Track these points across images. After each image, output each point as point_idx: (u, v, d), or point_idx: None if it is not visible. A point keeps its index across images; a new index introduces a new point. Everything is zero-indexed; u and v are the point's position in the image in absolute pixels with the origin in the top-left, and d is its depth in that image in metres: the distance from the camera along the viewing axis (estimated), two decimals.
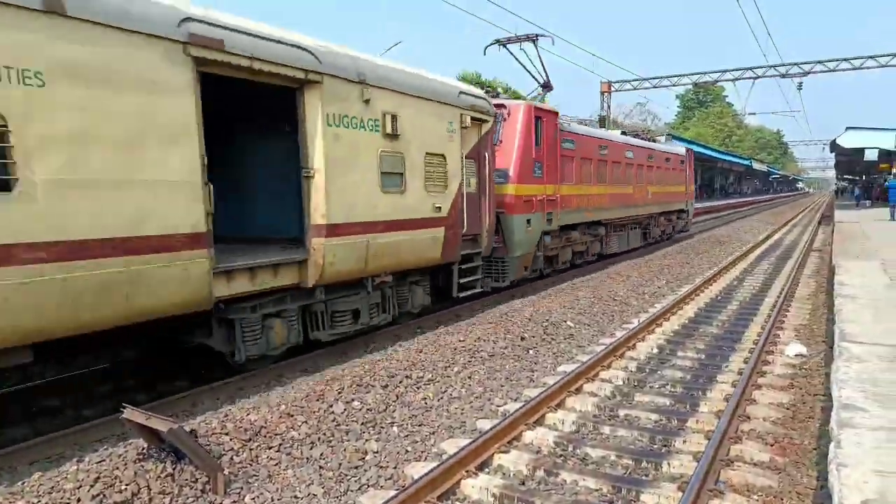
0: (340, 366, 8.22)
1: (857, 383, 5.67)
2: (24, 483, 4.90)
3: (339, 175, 8.22)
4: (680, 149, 27.73)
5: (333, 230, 8.17)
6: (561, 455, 5.81)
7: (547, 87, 17.43)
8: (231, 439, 5.64)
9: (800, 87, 38.75)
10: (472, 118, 11.13)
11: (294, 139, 8.15)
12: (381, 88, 8.92)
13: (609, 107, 41.86)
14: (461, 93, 10.94)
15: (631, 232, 21.06)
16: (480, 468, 5.47)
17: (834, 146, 39.86)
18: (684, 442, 5.97)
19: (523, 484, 5.28)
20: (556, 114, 15.16)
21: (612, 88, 41.83)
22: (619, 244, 19.92)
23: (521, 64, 16.97)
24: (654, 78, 40.73)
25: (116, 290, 5.89)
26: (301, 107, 7.93)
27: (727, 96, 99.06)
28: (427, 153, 9.99)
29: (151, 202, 6.10)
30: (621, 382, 7.84)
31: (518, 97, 20.90)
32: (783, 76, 37.15)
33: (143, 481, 4.88)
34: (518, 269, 13.67)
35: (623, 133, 22.03)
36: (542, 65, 17.35)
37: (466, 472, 5.30)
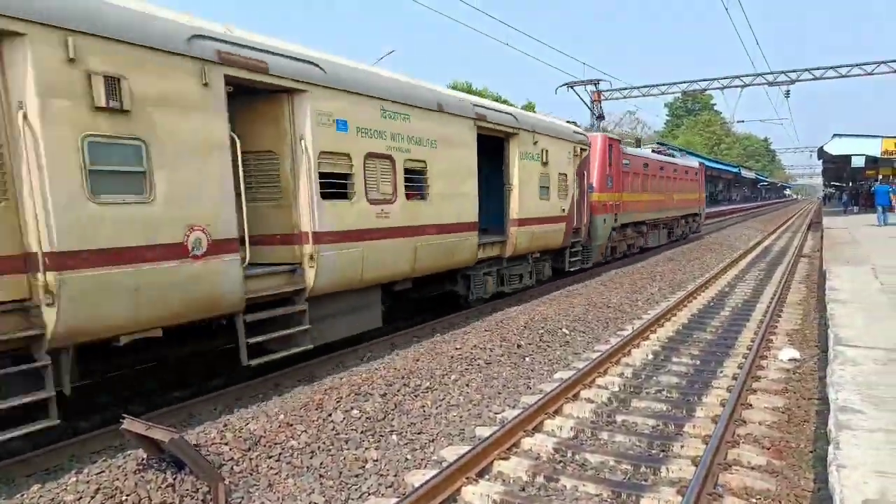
0: (338, 374, 8.22)
1: (853, 386, 5.73)
2: (23, 495, 4.88)
3: (523, 189, 13.34)
4: (694, 163, 33.82)
5: (520, 222, 13.33)
6: (560, 461, 5.84)
7: (601, 118, 24.85)
8: (231, 449, 5.63)
9: (787, 94, 39.17)
10: (580, 148, 16.47)
11: (498, 165, 13.24)
12: (541, 134, 14.19)
13: (599, 115, 42.05)
14: (574, 131, 16.54)
15: (661, 230, 26.14)
16: (480, 475, 5.49)
17: (821, 153, 40.26)
18: (682, 447, 6.01)
19: (524, 490, 5.30)
20: (620, 140, 20.75)
21: (602, 97, 42.07)
22: (654, 240, 24.92)
23: (584, 101, 24.57)
24: (643, 86, 41.07)
25: (451, 250, 11.26)
26: (507, 148, 13.15)
27: (715, 104, 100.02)
28: (559, 173, 15.11)
29: (462, 205, 11.50)
30: (618, 388, 7.88)
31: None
32: (771, 84, 37.56)
33: (144, 492, 4.87)
34: (597, 255, 18.58)
35: (655, 150, 27.71)
36: (600, 102, 25.22)
37: (467, 478, 5.32)
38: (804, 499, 4.95)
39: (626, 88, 41.44)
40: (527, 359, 9.13)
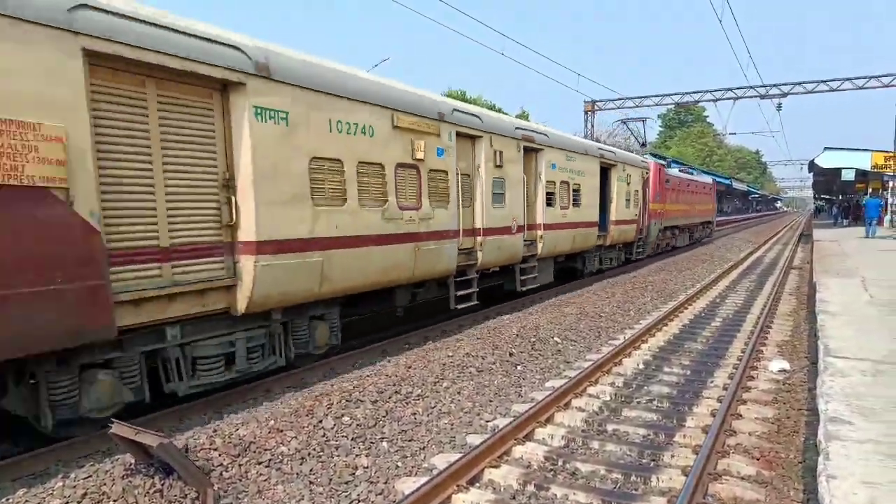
0: (329, 381, 8.19)
1: (842, 397, 5.76)
2: (8, 500, 4.83)
3: (618, 201, 19.87)
4: (709, 179, 41.61)
5: (615, 223, 19.81)
6: (551, 469, 5.83)
7: (644, 145, 32.90)
8: (220, 455, 5.60)
9: (779, 107, 39.45)
10: (644, 172, 23.41)
11: (604, 183, 19.32)
12: (628, 164, 21.17)
13: (593, 126, 42.31)
14: (642, 160, 23.56)
15: (686, 233, 32.98)
16: (471, 483, 5.47)
17: (812, 166, 40.61)
18: (672, 456, 6.01)
19: (514, 498, 5.29)
20: (664, 166, 28.19)
21: (596, 107, 42.31)
22: (682, 241, 31.89)
23: (633, 134, 34.25)
24: (636, 97, 41.29)
25: (586, 238, 17.54)
26: (610, 175, 19.63)
27: (708, 116, 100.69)
28: (634, 190, 21.77)
29: (592, 212, 17.62)
30: (609, 398, 7.88)
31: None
32: (763, 97, 37.85)
33: (132, 497, 4.83)
34: (650, 249, 25.11)
35: (680, 170, 34.18)
36: (644, 135, 33.75)
37: (457, 486, 5.30)
38: None
39: (619, 99, 41.67)
40: (518, 367, 9.12)
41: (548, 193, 14.89)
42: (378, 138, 9.34)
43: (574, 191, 16.53)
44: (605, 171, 19.17)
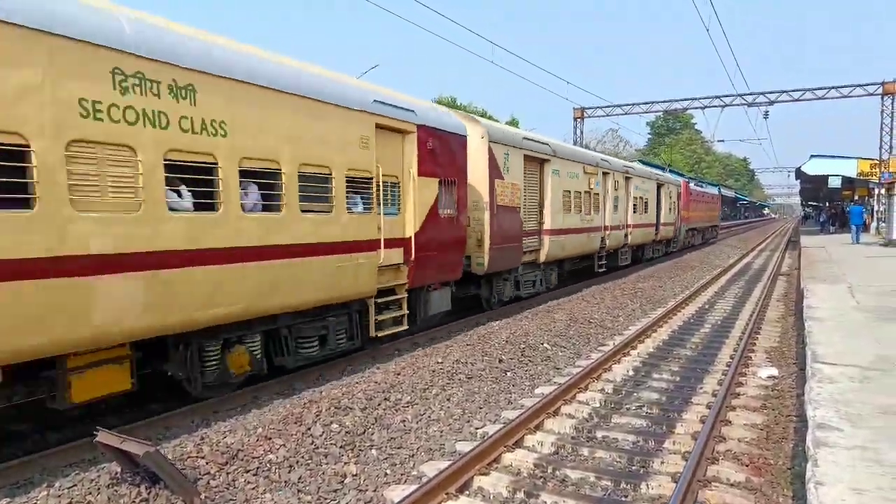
0: (318, 388, 8.15)
1: (830, 403, 5.78)
2: None
3: (665, 209, 29.48)
4: (715, 191, 51.67)
5: (664, 225, 29.19)
6: (541, 477, 5.81)
7: (666, 167, 39.55)
8: (207, 463, 5.54)
9: (766, 115, 39.82)
10: (679, 187, 32.83)
11: (657, 197, 28.52)
12: (671, 183, 31.20)
13: (582, 132, 42.51)
14: (676, 179, 33.74)
15: (699, 234, 40.81)
16: (461, 490, 5.45)
17: (799, 173, 40.98)
18: (662, 463, 6.02)
19: None
20: (689, 182, 37.58)
21: (585, 114, 42.52)
22: (697, 240, 39.74)
23: (669, 167, 43.45)
24: (625, 105, 41.56)
25: (647, 235, 27.01)
26: (660, 190, 28.68)
27: (696, 124, 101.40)
28: (673, 201, 31.13)
29: (651, 216, 27.20)
30: (598, 404, 7.88)
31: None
32: (750, 105, 38.19)
33: None
34: (679, 245, 33.62)
35: (698, 184, 44.32)
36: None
37: (447, 494, 5.27)
38: None
39: (608, 106, 41.91)
40: (508, 373, 9.11)
41: (634, 205, 24.02)
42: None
43: (645, 202, 25.84)
44: (658, 188, 28.30)
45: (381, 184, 9.59)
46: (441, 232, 11.21)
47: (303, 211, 8.13)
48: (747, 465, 5.93)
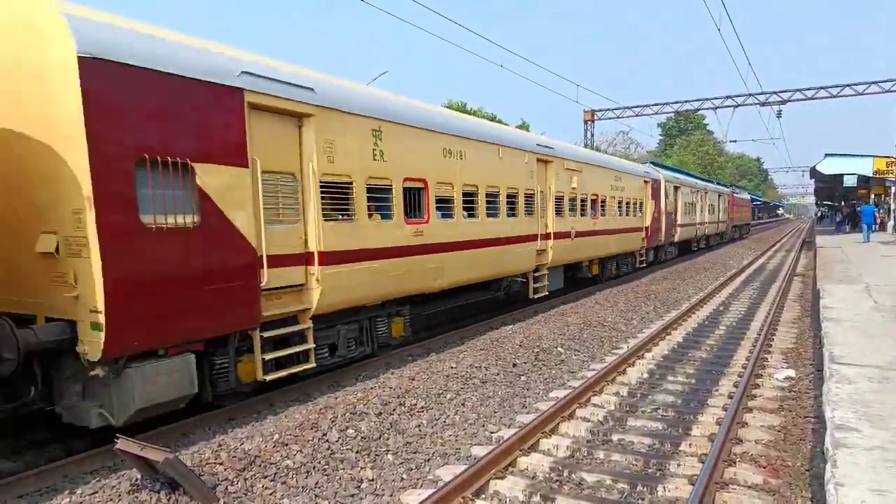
0: (333, 394, 8.19)
1: (849, 404, 5.74)
2: None
3: (720, 210, 41.61)
4: (748, 196, 65.53)
5: (719, 222, 41.47)
6: (557, 480, 5.81)
7: (709, 180, 46.33)
8: (225, 469, 5.59)
9: (779, 114, 39.57)
10: (727, 195, 44.95)
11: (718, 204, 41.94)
12: (719, 192, 42.12)
13: (592, 135, 42.44)
14: (727, 189, 47.44)
15: (738, 229, 52.92)
16: (477, 495, 5.46)
17: (813, 172, 40.57)
18: (678, 465, 5.99)
19: None
20: (734, 192, 51.78)
21: (596, 117, 42.45)
22: (736, 234, 51.32)
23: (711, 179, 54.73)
24: (636, 106, 41.45)
25: (694, 234, 34.32)
26: (720, 198, 42.01)
27: (708, 124, 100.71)
28: (725, 206, 43.05)
29: (713, 216, 39.45)
30: (613, 407, 7.86)
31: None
32: (763, 104, 37.97)
33: None
34: (727, 237, 46.27)
35: (735, 193, 53.65)
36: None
37: (463, 498, 5.29)
38: None
39: (619, 108, 41.82)
40: (522, 377, 9.11)
41: (708, 209, 35.05)
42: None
43: (712, 207, 37.43)
44: (718, 197, 38.74)
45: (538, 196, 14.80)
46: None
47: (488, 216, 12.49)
48: (765, 467, 5.90)
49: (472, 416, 7.50)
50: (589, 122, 42.58)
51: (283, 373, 7.88)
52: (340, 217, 8.81)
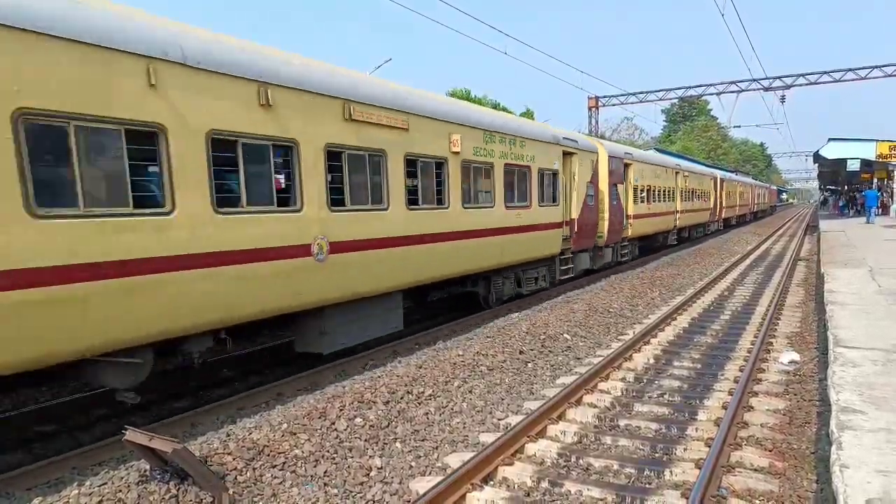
0: (341, 383, 8.22)
1: (853, 387, 5.75)
2: None
3: (753, 196, 60.44)
4: (773, 187, 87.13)
5: (743, 206, 52.28)
6: (564, 466, 5.84)
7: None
8: (234, 459, 5.62)
9: (783, 99, 39.38)
10: (758, 185, 68.36)
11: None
12: (745, 182, 57.48)
13: (597, 122, 42.28)
14: (754, 181, 67.49)
15: (765, 212, 72.90)
16: (485, 481, 5.49)
17: (817, 157, 40.37)
18: (685, 450, 6.02)
19: (528, 496, 5.30)
20: (765, 184, 79.34)
21: (600, 103, 42.28)
22: (765, 216, 71.30)
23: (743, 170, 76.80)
24: (640, 93, 41.28)
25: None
26: (753, 188, 60.99)
27: (711, 110, 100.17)
28: (759, 192, 66.62)
29: (742, 201, 51.64)
30: (620, 393, 7.89)
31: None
32: (766, 89, 37.79)
33: (147, 503, 4.86)
34: (756, 216, 64.12)
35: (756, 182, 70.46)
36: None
37: (472, 485, 5.32)
38: (807, 500, 4.96)
39: (623, 95, 41.64)
40: (529, 364, 9.13)
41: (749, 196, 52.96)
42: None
43: (737, 193, 45.51)
44: (752, 188, 49.05)
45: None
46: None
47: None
48: (771, 450, 5.92)
49: (479, 403, 7.54)
50: (593, 109, 42.41)
51: None
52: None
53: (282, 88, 7.49)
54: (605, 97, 42.44)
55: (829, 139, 35.34)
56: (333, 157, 8.31)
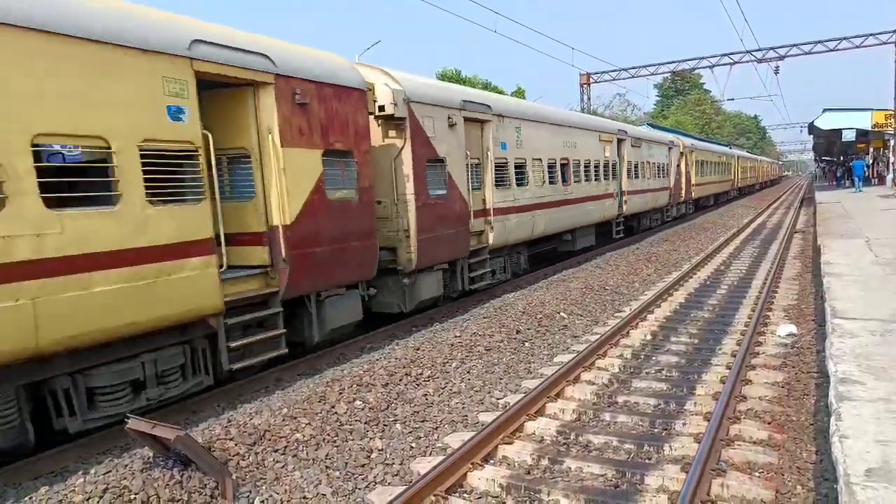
0: (339, 366, 8.24)
1: (851, 358, 5.78)
2: (30, 498, 4.88)
3: (763, 170, 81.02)
4: (777, 161, 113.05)
5: (755, 175, 69.99)
6: (564, 443, 5.88)
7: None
8: (236, 444, 5.65)
9: (777, 71, 39.10)
10: (770, 161, 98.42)
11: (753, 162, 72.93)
12: (758, 158, 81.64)
13: (589, 98, 42.08)
14: (769, 160, 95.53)
15: (772, 183, 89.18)
16: (486, 460, 5.53)
17: (812, 128, 40.35)
18: (684, 424, 6.06)
19: (529, 473, 5.34)
20: (770, 160, 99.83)
21: (591, 80, 42.05)
22: (771, 185, 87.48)
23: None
24: (632, 68, 41.00)
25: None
26: (759, 162, 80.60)
27: (704, 83, 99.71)
28: (770, 166, 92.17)
29: (752, 176, 66.40)
30: (618, 370, 7.92)
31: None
32: (760, 61, 37.54)
33: (153, 490, 4.88)
34: (763, 185, 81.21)
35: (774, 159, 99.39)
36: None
37: (472, 464, 5.35)
38: (807, 471, 5.00)
39: (615, 70, 41.39)
40: (526, 344, 9.17)
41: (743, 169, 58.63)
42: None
43: (748, 168, 58.86)
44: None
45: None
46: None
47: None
48: (769, 423, 5.96)
49: (477, 383, 7.57)
50: (585, 86, 42.19)
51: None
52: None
53: None
54: (596, 73, 42.19)
55: (824, 110, 35.31)
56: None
